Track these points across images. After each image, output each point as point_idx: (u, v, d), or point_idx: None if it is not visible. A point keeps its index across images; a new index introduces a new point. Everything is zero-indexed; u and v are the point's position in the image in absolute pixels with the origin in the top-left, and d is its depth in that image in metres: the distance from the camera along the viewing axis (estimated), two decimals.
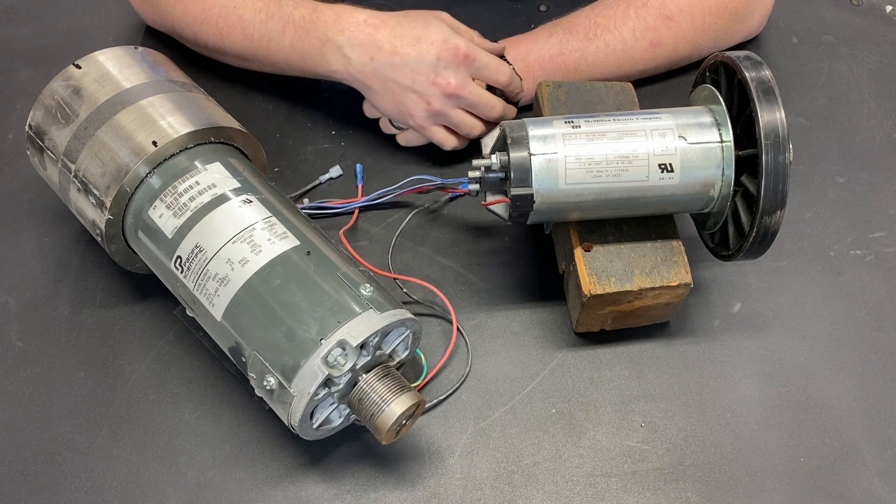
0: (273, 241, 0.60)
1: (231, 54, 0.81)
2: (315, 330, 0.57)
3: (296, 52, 0.76)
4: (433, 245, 0.76)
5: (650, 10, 0.80)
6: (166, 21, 0.84)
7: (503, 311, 0.72)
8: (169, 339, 0.70)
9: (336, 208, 0.76)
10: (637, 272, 0.65)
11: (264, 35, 0.77)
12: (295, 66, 0.77)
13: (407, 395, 0.58)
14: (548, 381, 0.69)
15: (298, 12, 0.75)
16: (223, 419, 0.67)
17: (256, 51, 0.78)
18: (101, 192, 0.64)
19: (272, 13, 0.76)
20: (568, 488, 0.64)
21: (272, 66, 0.80)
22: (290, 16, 0.75)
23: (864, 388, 0.69)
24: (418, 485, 0.64)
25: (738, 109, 0.62)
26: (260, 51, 0.78)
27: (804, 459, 0.66)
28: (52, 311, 0.72)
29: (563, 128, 0.63)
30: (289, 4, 0.75)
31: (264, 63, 0.80)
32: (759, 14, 0.87)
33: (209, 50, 0.83)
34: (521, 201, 0.62)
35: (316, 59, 0.75)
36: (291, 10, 0.75)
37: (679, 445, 0.66)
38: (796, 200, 0.79)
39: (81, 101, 0.66)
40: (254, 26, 0.77)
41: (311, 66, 0.76)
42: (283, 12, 0.75)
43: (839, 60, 0.91)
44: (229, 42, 0.79)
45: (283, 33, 0.75)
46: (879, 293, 0.75)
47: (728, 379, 0.69)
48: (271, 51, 0.77)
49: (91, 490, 0.64)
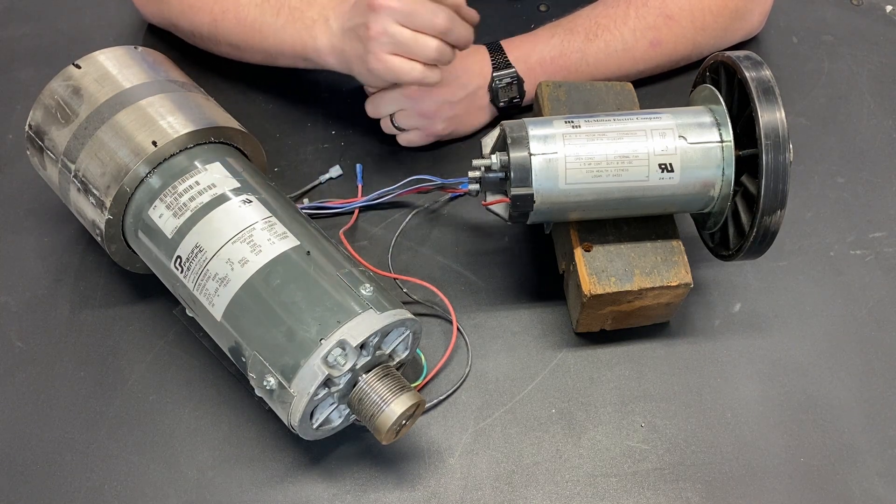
0: (273, 240, 0.60)
1: (224, 42, 0.82)
2: (315, 330, 0.57)
3: (286, 33, 0.76)
4: (433, 245, 0.76)
5: (650, 9, 0.80)
6: (164, 12, 0.85)
7: (503, 311, 0.72)
8: (169, 339, 0.70)
9: (336, 208, 0.76)
10: (637, 272, 0.65)
11: (257, 18, 0.77)
12: (285, 49, 0.77)
13: (407, 395, 0.58)
14: (548, 381, 0.69)
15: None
16: (223, 419, 0.67)
17: (248, 36, 0.79)
18: (101, 192, 0.64)
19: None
20: (568, 488, 0.64)
21: (264, 54, 0.80)
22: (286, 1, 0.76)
23: (864, 388, 0.69)
24: (418, 485, 0.64)
25: (739, 109, 0.62)
26: (252, 36, 0.78)
27: (804, 459, 0.66)
28: (52, 311, 0.72)
29: (563, 128, 0.63)
30: None
31: (256, 50, 0.80)
32: (759, 13, 0.87)
33: (204, 39, 0.84)
34: (521, 201, 0.62)
35: (305, 39, 0.75)
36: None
37: (679, 445, 0.66)
38: (796, 200, 0.79)
39: (81, 101, 0.66)
40: (248, 9, 0.78)
41: (300, 48, 0.76)
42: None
43: (839, 60, 0.91)
44: (222, 28, 0.80)
45: (278, 15, 0.76)
46: (879, 293, 0.75)
47: (728, 379, 0.69)
48: (263, 34, 0.78)
49: (91, 490, 0.64)
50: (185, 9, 0.82)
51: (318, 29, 0.74)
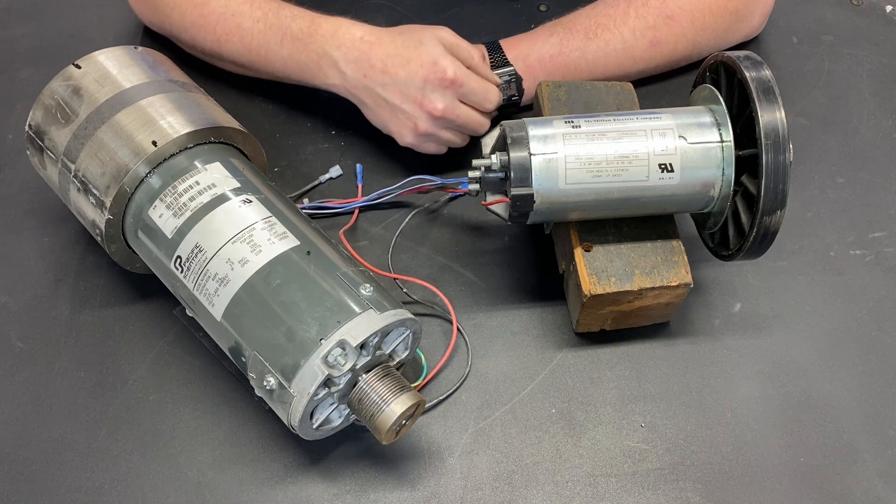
0: (273, 240, 0.60)
1: (229, 61, 0.81)
2: (315, 330, 0.57)
3: (293, 63, 0.75)
4: (433, 245, 0.76)
5: (651, 9, 0.80)
6: (164, 24, 0.84)
7: (503, 311, 0.72)
8: (169, 339, 0.70)
9: (336, 208, 0.76)
10: (637, 272, 0.65)
11: (262, 45, 0.76)
12: (292, 76, 0.77)
13: (407, 395, 0.58)
14: (548, 381, 0.69)
15: (297, 24, 0.74)
16: (223, 419, 0.67)
17: (254, 60, 0.78)
18: (101, 192, 0.64)
19: (270, 24, 0.75)
20: (568, 488, 0.64)
21: (270, 75, 0.80)
22: (288, 27, 0.75)
23: (864, 388, 0.69)
24: (418, 485, 0.64)
25: (739, 109, 0.62)
26: (257, 60, 0.78)
27: (804, 459, 0.66)
28: (52, 311, 0.72)
29: (563, 128, 0.63)
30: (287, 16, 0.75)
31: (262, 72, 0.80)
32: (760, 13, 0.87)
33: (207, 55, 0.83)
34: (521, 201, 0.62)
35: (314, 71, 0.75)
36: (290, 21, 0.75)
37: (679, 445, 0.66)
38: (796, 200, 0.79)
39: (81, 101, 0.66)
40: (252, 35, 0.77)
41: (308, 78, 0.76)
42: (281, 23, 0.75)
43: (839, 60, 0.91)
44: (227, 49, 0.79)
45: (281, 45, 0.75)
46: (879, 293, 0.75)
47: (728, 379, 0.69)
48: (269, 60, 0.77)
49: (91, 490, 0.64)
50: (187, 26, 0.80)
51: (328, 69, 0.74)
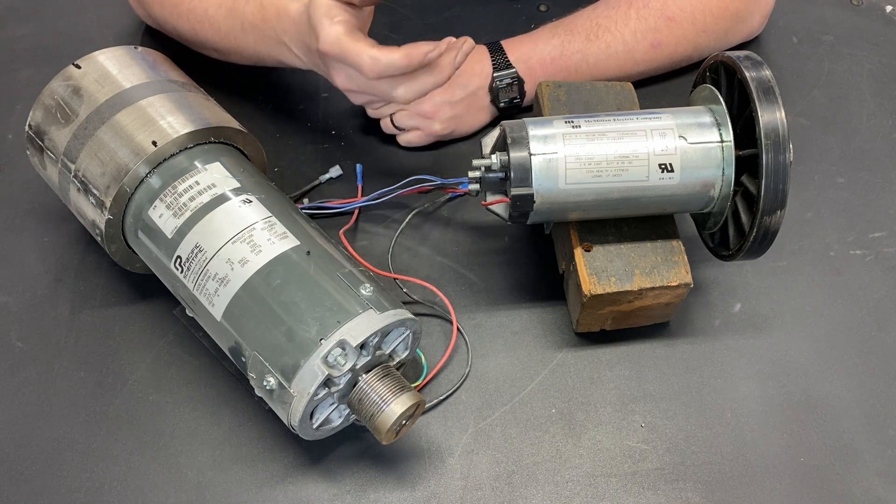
0: (273, 240, 0.60)
1: (209, 48, 0.82)
2: (315, 330, 0.57)
3: (262, 49, 0.75)
4: (433, 245, 0.76)
5: (651, 10, 0.80)
6: (150, 16, 0.85)
7: (503, 311, 0.72)
8: (169, 339, 0.70)
9: (336, 208, 0.76)
10: (637, 272, 0.65)
11: (230, 31, 0.77)
12: (266, 60, 0.77)
13: (407, 395, 0.58)
14: (548, 381, 0.69)
15: (249, 8, 0.74)
16: (223, 419, 0.67)
17: (230, 47, 0.79)
18: (101, 192, 0.64)
19: (229, 8, 0.76)
20: (568, 488, 0.64)
21: (248, 61, 0.80)
22: (244, 13, 0.75)
23: (864, 388, 0.69)
24: (418, 485, 0.64)
25: (739, 109, 0.62)
26: (231, 46, 0.78)
27: (804, 459, 0.66)
28: (52, 311, 0.72)
29: (563, 128, 0.63)
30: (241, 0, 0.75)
31: (240, 57, 0.80)
32: (760, 14, 0.87)
33: (191, 43, 0.83)
34: (521, 201, 0.62)
35: (279, 57, 0.75)
36: (244, 5, 0.74)
37: (679, 445, 0.66)
38: (796, 200, 0.79)
39: (81, 101, 0.66)
40: (219, 22, 0.77)
41: (281, 62, 0.76)
42: (237, 8, 0.75)
43: (839, 60, 0.91)
44: (202, 37, 0.80)
45: (244, 31, 0.75)
46: (879, 293, 0.75)
47: (728, 379, 0.69)
48: (240, 47, 0.77)
49: (91, 490, 0.64)
50: (166, 16, 0.82)
51: (288, 54, 0.73)
